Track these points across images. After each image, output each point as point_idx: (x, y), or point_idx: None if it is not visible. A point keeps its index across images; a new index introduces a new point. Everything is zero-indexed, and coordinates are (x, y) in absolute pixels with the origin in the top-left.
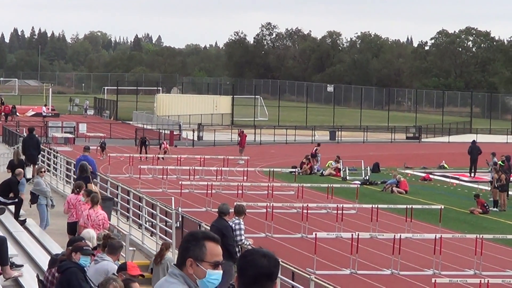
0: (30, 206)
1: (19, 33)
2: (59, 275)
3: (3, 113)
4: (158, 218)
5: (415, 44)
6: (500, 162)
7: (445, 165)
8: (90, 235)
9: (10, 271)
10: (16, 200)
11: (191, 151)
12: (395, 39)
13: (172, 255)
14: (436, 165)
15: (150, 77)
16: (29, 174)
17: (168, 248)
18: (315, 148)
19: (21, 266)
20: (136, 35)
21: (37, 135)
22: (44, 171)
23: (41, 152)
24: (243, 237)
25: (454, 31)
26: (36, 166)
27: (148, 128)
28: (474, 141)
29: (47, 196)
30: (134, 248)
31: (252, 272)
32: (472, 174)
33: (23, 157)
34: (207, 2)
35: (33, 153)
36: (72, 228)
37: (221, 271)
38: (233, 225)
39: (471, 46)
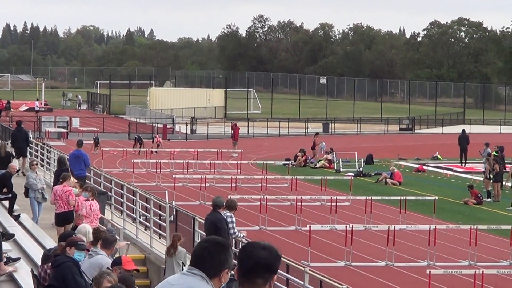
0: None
1: (11, 28)
2: (53, 269)
3: None
4: (152, 212)
5: (408, 35)
6: (494, 153)
7: (439, 156)
8: (86, 229)
9: (5, 266)
10: (10, 195)
11: (184, 144)
12: (388, 31)
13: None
14: (430, 156)
15: (143, 71)
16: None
17: (180, 239)
18: (314, 139)
19: (18, 259)
20: (129, 29)
21: (25, 128)
22: (36, 164)
23: (30, 145)
24: (236, 230)
25: (447, 22)
26: (27, 159)
27: (141, 122)
28: (463, 130)
29: (34, 189)
30: (128, 242)
31: (249, 263)
32: (463, 164)
33: (11, 150)
34: None
35: (22, 145)
36: (61, 218)
37: None
38: (225, 218)
39: (463, 36)
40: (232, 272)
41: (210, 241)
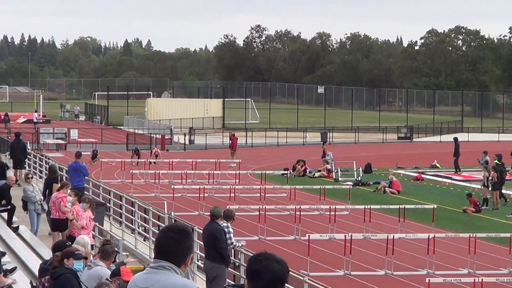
0: (27, 213)
1: (9, 40)
2: (52, 281)
3: None
4: (151, 222)
5: (405, 44)
6: (496, 161)
7: (437, 165)
8: (85, 241)
9: (4, 278)
10: (9, 207)
11: (182, 155)
12: (385, 39)
13: None
14: (428, 165)
15: (141, 81)
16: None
17: None
18: (323, 148)
19: (14, 268)
20: (126, 40)
21: (23, 140)
22: (32, 178)
23: (28, 156)
24: (233, 240)
25: (444, 30)
26: (23, 171)
27: (139, 133)
28: (456, 138)
29: (33, 202)
30: (128, 253)
31: (267, 276)
32: (459, 171)
33: (4, 161)
34: (196, 5)
35: (20, 157)
36: (53, 224)
37: None
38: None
39: (461, 45)
40: (226, 284)
41: (174, 229)
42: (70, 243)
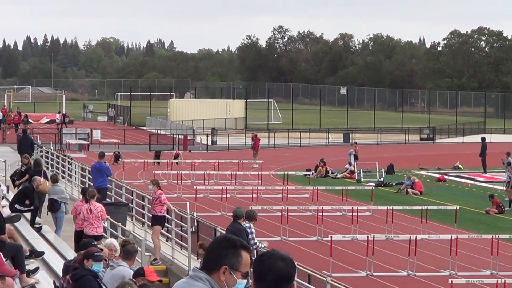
0: (47, 214)
1: (32, 41)
2: (73, 283)
3: (13, 123)
4: (173, 223)
5: (428, 45)
6: None
7: (460, 166)
8: (107, 243)
9: (27, 278)
10: (32, 207)
11: (205, 155)
12: (408, 40)
13: (187, 260)
14: (451, 166)
15: (163, 82)
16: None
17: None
18: (355, 149)
19: (37, 268)
20: (149, 40)
21: (30, 136)
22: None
23: (34, 152)
24: (256, 241)
25: (467, 31)
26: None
27: (162, 133)
28: (483, 138)
29: (65, 203)
30: (150, 254)
31: (271, 277)
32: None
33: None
34: (218, 6)
35: (28, 151)
36: (160, 221)
37: (245, 281)
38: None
39: (483, 46)
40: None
41: (221, 236)
42: (95, 242)
